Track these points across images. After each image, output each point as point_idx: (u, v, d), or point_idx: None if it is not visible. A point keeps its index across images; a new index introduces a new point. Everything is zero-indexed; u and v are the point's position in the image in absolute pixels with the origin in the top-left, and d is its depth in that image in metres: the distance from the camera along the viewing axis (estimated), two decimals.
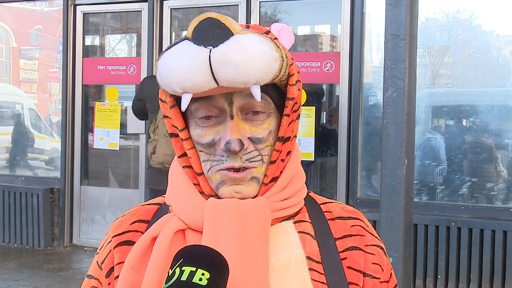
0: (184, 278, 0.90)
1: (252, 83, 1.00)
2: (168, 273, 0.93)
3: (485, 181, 5.61)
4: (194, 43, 1.00)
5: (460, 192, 5.66)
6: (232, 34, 1.00)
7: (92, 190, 7.36)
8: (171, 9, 6.93)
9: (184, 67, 1.00)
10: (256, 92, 1.01)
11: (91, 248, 7.16)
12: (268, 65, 1.01)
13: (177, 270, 0.91)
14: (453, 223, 5.39)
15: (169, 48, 1.05)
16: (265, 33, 1.10)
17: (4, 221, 7.44)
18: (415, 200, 4.74)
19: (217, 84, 1.00)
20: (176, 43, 1.04)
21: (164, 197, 1.19)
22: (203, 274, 0.90)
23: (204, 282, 0.89)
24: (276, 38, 1.12)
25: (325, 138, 6.32)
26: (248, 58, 0.99)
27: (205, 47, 0.99)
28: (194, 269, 0.90)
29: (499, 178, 5.58)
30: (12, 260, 6.77)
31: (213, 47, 0.99)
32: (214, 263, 0.92)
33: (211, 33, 1.00)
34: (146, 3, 6.94)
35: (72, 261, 6.91)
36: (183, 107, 1.02)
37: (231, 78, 0.99)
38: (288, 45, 1.15)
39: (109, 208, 7.25)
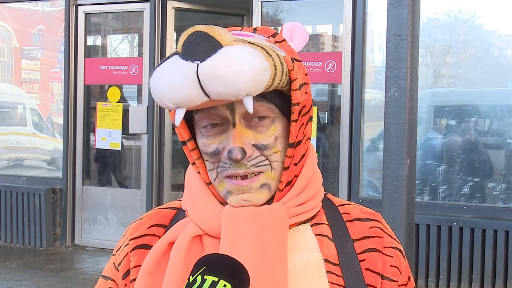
0: (205, 287, 0.88)
1: (243, 95, 0.98)
2: (189, 279, 0.91)
3: (487, 181, 5.61)
4: (182, 58, 0.99)
5: (462, 192, 5.65)
6: (221, 47, 0.98)
7: (94, 190, 7.36)
8: (175, 9, 6.94)
9: (173, 83, 0.99)
10: (249, 104, 0.99)
11: (93, 248, 7.17)
12: (257, 76, 0.98)
13: (199, 278, 0.90)
14: (455, 223, 5.39)
15: (160, 64, 1.04)
16: (271, 35, 1.09)
17: (6, 221, 7.45)
18: (417, 200, 4.73)
19: (209, 97, 0.98)
20: (167, 58, 1.03)
21: (180, 200, 1.19)
22: (225, 286, 0.89)
23: None
24: (284, 40, 1.10)
25: (327, 138, 6.32)
26: (235, 71, 0.96)
27: (192, 62, 0.97)
28: (216, 279, 0.89)
29: (501, 178, 5.58)
30: (14, 260, 6.77)
31: (200, 62, 0.97)
32: (237, 275, 0.91)
33: (198, 47, 0.98)
34: (148, 3, 6.94)
35: (74, 261, 6.92)
36: (177, 122, 1.01)
37: (220, 91, 0.97)
38: (301, 44, 1.14)
39: (111, 208, 7.25)
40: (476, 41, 5.99)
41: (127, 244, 1.16)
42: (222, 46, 0.98)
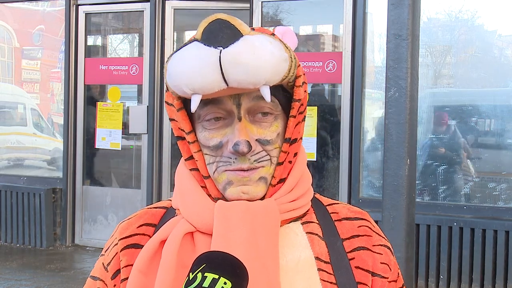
0: (206, 285, 0.89)
1: (262, 84, 1.01)
2: (189, 276, 0.91)
3: (487, 181, 5.61)
4: (204, 44, 1.00)
5: (462, 192, 5.65)
6: (242, 35, 1.00)
7: (94, 190, 7.36)
8: (174, 9, 6.94)
9: (194, 68, 1.00)
10: (266, 93, 1.01)
11: (93, 248, 7.17)
12: (277, 66, 1.02)
13: (199, 275, 0.90)
14: (455, 223, 5.39)
15: (178, 49, 1.05)
16: (270, 35, 1.11)
17: (6, 221, 7.45)
18: (417, 200, 4.74)
19: (227, 85, 1.00)
20: (185, 45, 1.04)
21: (170, 200, 1.19)
22: (225, 283, 0.89)
23: None
24: (281, 41, 1.12)
25: (327, 138, 6.32)
26: (258, 59, 0.99)
27: (215, 48, 0.99)
28: (216, 276, 0.89)
29: (501, 178, 5.58)
30: (14, 260, 6.77)
31: (223, 48, 0.99)
32: (237, 273, 0.91)
33: (221, 34, 1.00)
34: (148, 3, 6.94)
35: (74, 261, 6.92)
36: (193, 108, 1.02)
37: (241, 79, 0.99)
38: (291, 48, 1.15)
39: (111, 208, 7.25)
40: (476, 41, 5.99)
41: (116, 244, 1.15)
42: (243, 35, 1.01)
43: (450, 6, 5.87)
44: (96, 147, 7.31)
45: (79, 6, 7.35)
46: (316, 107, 6.14)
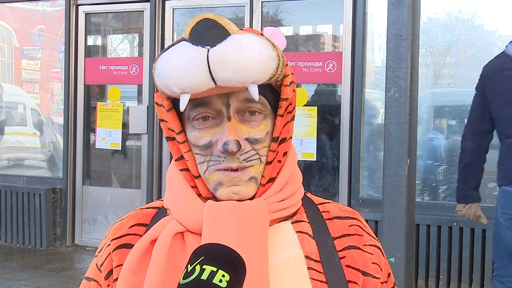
0: (204, 277, 0.89)
1: (250, 82, 1.01)
2: (187, 268, 0.91)
3: (487, 181, 5.59)
4: (192, 44, 1.01)
5: None
6: (229, 34, 1.01)
7: (94, 190, 7.36)
8: (173, 9, 6.94)
9: (182, 68, 1.01)
10: (254, 91, 1.01)
11: (93, 248, 7.16)
12: (265, 64, 1.02)
13: (197, 268, 0.90)
14: (455, 223, 5.39)
15: (166, 49, 1.05)
16: (259, 35, 1.11)
17: (6, 221, 7.45)
18: (417, 200, 4.73)
19: (215, 84, 1.00)
20: (173, 44, 1.05)
21: (162, 200, 1.20)
22: (223, 276, 0.89)
23: (224, 284, 0.88)
24: (269, 40, 1.13)
25: (327, 138, 6.32)
26: (246, 57, 1.00)
27: (203, 47, 1.00)
28: (215, 269, 0.89)
29: None
30: (14, 260, 6.77)
31: (211, 47, 0.99)
32: (235, 266, 0.92)
33: (209, 33, 1.00)
34: (148, 3, 6.94)
35: (74, 261, 6.92)
36: (182, 108, 1.02)
37: (229, 77, 0.99)
38: (280, 48, 1.16)
39: (111, 208, 7.25)
40: (476, 41, 5.99)
41: (109, 245, 1.17)
42: (230, 34, 1.01)
43: (450, 6, 5.87)
44: (96, 147, 7.32)
45: (79, 6, 7.35)
46: (316, 107, 6.13)
